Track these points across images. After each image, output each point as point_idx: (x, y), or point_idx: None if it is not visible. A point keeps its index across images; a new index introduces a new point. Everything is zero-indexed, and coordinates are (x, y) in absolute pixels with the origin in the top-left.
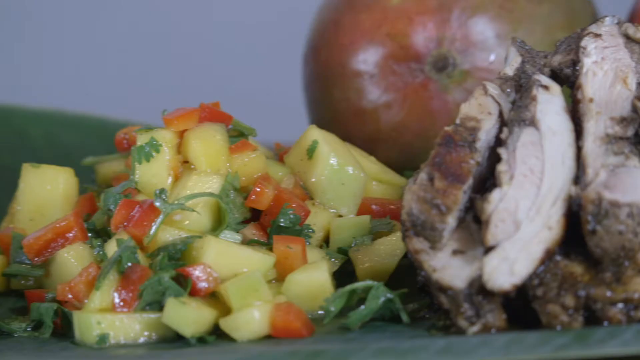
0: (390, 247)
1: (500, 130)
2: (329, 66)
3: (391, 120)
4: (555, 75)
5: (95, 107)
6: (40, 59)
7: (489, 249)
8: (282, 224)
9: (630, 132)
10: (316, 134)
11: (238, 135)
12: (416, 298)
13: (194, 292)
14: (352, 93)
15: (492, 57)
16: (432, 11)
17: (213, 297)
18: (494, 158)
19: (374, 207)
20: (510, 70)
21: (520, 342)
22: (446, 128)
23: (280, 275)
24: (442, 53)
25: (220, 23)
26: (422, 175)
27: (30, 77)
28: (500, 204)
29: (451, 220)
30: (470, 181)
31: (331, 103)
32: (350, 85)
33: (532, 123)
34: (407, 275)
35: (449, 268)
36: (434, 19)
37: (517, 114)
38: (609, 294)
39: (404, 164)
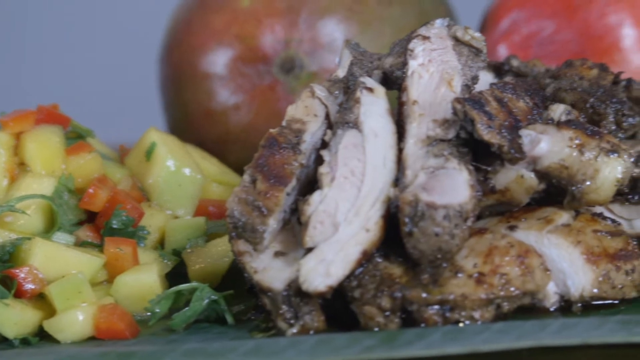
0: (223, 248)
1: (326, 133)
2: (181, 67)
3: (240, 122)
4: (387, 78)
5: None
6: None
7: (307, 251)
8: (114, 226)
9: (451, 134)
10: (155, 136)
11: (76, 137)
12: (244, 299)
13: (20, 294)
14: (202, 95)
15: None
16: (281, 13)
17: (41, 299)
18: (320, 160)
19: (211, 208)
20: (341, 73)
21: (328, 343)
22: (271, 130)
23: (111, 276)
24: (290, 55)
25: (81, 23)
26: (245, 177)
27: None
28: (320, 205)
29: (272, 222)
30: (293, 183)
31: (183, 105)
32: (201, 86)
33: (355, 125)
34: (240, 277)
35: (269, 270)
36: (282, 21)
37: (342, 116)
38: (424, 295)
39: None
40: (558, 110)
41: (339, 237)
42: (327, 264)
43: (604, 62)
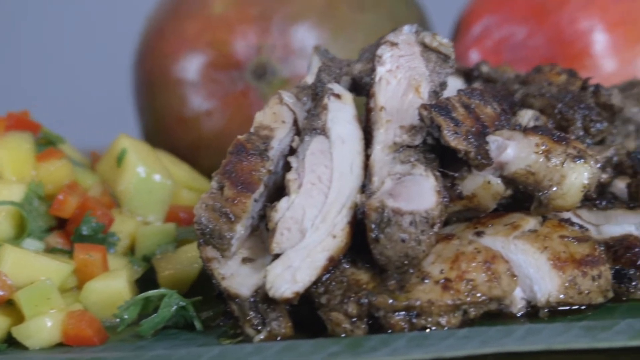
0: (193, 255)
1: (294, 139)
2: (154, 74)
3: (213, 128)
4: (356, 84)
5: None
6: None
7: (274, 257)
8: (84, 232)
9: (418, 140)
10: (125, 142)
11: (47, 144)
12: (214, 306)
13: None
14: (175, 101)
15: None
16: (253, 20)
17: (9, 306)
18: (288, 167)
19: (181, 214)
20: (310, 79)
21: (293, 349)
22: (239, 137)
23: (81, 283)
24: (262, 61)
25: (53, 29)
26: (213, 184)
27: None
28: (287, 212)
29: (240, 229)
30: (261, 189)
31: (156, 111)
32: (173, 93)
33: (323, 131)
34: (210, 283)
35: (237, 276)
36: (254, 27)
37: (309, 123)
38: (391, 301)
39: None
40: (526, 116)
41: (305, 244)
42: (293, 271)
43: (575, 68)
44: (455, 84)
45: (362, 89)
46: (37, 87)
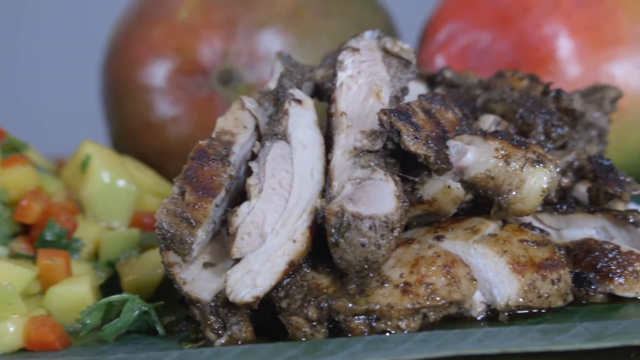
0: (156, 260)
1: (256, 144)
2: (120, 80)
3: (179, 134)
4: (318, 89)
5: None
6: None
7: (235, 262)
8: (48, 238)
9: (378, 145)
10: (90, 148)
11: (11, 150)
12: (176, 310)
13: None
14: (141, 107)
15: None
16: (219, 26)
17: None
18: (250, 172)
19: (146, 220)
20: (272, 85)
21: (251, 353)
22: (200, 142)
23: (44, 288)
24: (228, 67)
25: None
26: (174, 189)
27: None
28: (247, 217)
29: (201, 234)
30: (222, 194)
31: (124, 117)
32: (140, 99)
33: (284, 137)
34: (174, 288)
35: (198, 281)
36: (220, 33)
37: (271, 128)
38: (350, 305)
39: None
40: (488, 121)
41: (266, 248)
42: (253, 275)
43: (540, 73)
44: (418, 90)
45: (324, 94)
46: (4, 93)
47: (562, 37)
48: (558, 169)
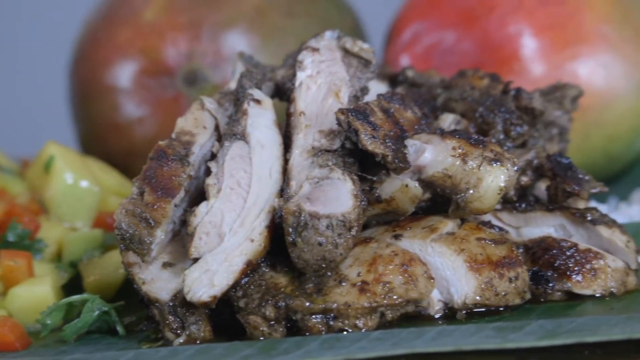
0: (119, 260)
1: (215, 145)
2: (87, 81)
3: (145, 134)
4: (279, 89)
5: None
6: None
7: (194, 262)
8: (10, 239)
9: (336, 144)
10: (53, 149)
11: None
12: (137, 310)
13: None
14: (108, 108)
15: None
16: (184, 27)
17: None
18: (209, 172)
19: (109, 220)
20: (233, 85)
21: (207, 353)
22: (160, 142)
23: (6, 289)
24: (193, 68)
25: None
26: (133, 190)
27: None
28: (206, 216)
29: (160, 234)
30: (181, 194)
31: (90, 118)
32: (106, 100)
33: (243, 137)
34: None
35: (157, 281)
36: (185, 34)
37: (230, 128)
38: (308, 304)
39: None
40: (447, 120)
41: (224, 248)
42: (211, 274)
43: (504, 72)
44: (380, 89)
45: (284, 94)
46: None
47: (526, 36)
48: (516, 168)
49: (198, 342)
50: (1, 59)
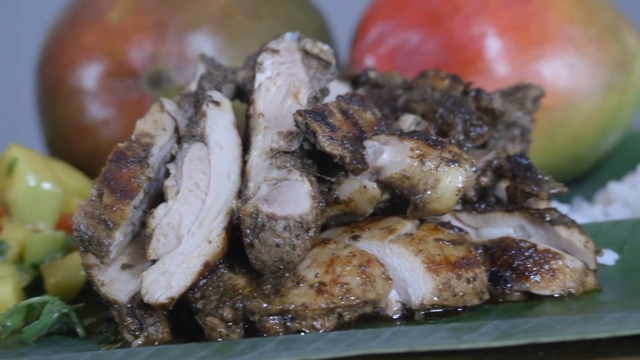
0: (80, 262)
1: (175, 146)
2: (53, 83)
3: (110, 136)
4: (240, 91)
5: None
6: None
7: (152, 263)
8: None
9: (295, 146)
10: (16, 151)
11: None
12: (98, 312)
13: None
14: (73, 110)
15: None
16: (149, 28)
17: None
18: (169, 174)
19: (72, 222)
20: (193, 86)
21: (162, 354)
22: (119, 144)
23: None
24: (157, 69)
25: None
26: (92, 191)
27: None
28: (164, 218)
29: (119, 236)
30: (141, 196)
31: (56, 120)
32: (72, 102)
33: (201, 138)
34: None
35: (116, 282)
36: (150, 36)
37: (189, 130)
38: (265, 305)
39: None
40: (408, 121)
41: (181, 249)
42: (169, 276)
43: (469, 73)
44: (342, 90)
45: (245, 96)
46: None
47: (490, 36)
48: (474, 168)
49: (156, 343)
50: None
